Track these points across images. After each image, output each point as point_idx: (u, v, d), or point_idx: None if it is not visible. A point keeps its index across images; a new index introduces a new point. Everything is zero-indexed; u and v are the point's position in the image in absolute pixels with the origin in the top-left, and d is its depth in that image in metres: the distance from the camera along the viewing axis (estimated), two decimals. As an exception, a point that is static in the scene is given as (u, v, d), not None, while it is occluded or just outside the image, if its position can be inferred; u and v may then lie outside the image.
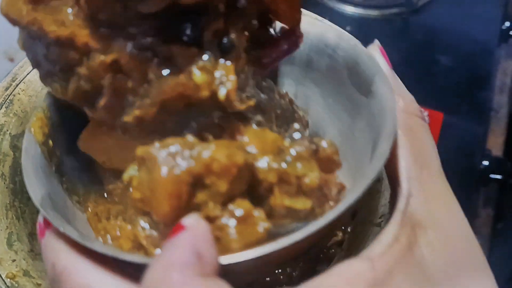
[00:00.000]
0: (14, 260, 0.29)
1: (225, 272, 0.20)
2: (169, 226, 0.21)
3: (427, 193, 0.23)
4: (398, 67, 0.36)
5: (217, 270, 0.20)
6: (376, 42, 0.29)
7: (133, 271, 0.21)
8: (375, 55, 0.27)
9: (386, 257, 0.21)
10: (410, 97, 0.26)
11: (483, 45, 0.82)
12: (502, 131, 0.72)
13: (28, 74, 0.35)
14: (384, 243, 0.21)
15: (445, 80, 0.78)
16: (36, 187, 0.25)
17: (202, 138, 0.24)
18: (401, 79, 0.35)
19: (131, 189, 0.23)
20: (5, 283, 0.28)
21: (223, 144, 0.22)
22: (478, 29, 0.83)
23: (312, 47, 0.32)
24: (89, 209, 0.29)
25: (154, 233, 0.26)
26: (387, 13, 0.86)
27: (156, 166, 0.21)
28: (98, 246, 0.22)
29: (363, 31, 0.83)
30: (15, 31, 0.26)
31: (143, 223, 0.24)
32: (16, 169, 0.33)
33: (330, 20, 0.37)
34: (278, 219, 0.23)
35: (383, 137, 0.24)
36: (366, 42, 0.30)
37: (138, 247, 0.27)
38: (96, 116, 0.25)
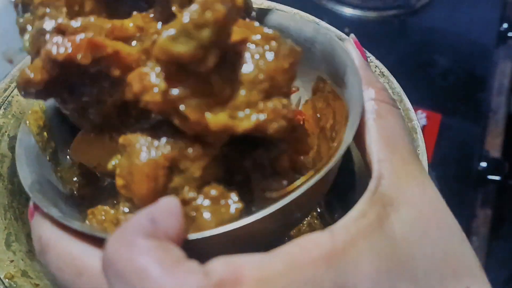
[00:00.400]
0: (12, 261, 0.29)
1: (197, 249, 0.20)
2: None
3: (399, 174, 0.24)
4: (396, 69, 0.36)
5: (175, 240, 0.20)
6: (352, 36, 0.30)
7: None
8: (349, 47, 0.28)
9: (349, 229, 0.21)
10: (380, 86, 0.27)
11: (481, 46, 0.82)
12: (500, 132, 0.73)
13: (26, 75, 0.35)
14: (348, 218, 0.22)
15: (443, 82, 0.79)
16: (27, 173, 0.27)
17: None
18: (399, 80, 0.35)
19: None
20: (4, 283, 0.28)
21: None
22: (476, 30, 0.83)
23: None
24: (75, 192, 0.30)
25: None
26: (385, 14, 0.86)
27: (135, 151, 0.23)
28: (75, 224, 0.23)
29: (361, 33, 0.83)
30: (14, 32, 0.26)
31: (125, 208, 0.25)
32: (15, 170, 0.33)
33: (328, 22, 0.37)
34: (260, 203, 0.24)
35: (349, 124, 0.25)
36: (364, 44, 0.30)
37: None
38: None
